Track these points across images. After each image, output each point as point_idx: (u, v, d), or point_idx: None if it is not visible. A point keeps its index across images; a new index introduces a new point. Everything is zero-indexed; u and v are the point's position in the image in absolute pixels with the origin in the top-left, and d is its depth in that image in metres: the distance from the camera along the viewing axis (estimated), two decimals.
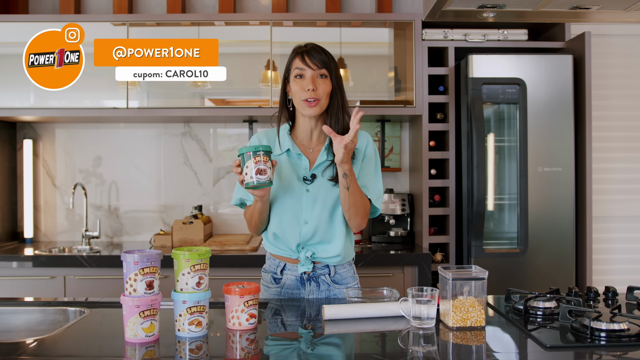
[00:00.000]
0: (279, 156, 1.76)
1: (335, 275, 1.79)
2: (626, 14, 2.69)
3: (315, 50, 1.74)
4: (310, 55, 1.71)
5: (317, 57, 1.71)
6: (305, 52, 1.73)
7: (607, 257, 3.32)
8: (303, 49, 1.75)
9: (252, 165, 1.52)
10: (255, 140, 1.82)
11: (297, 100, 1.72)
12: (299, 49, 1.76)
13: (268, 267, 1.84)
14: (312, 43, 1.78)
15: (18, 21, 3.00)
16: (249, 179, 1.53)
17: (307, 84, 1.69)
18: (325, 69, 1.72)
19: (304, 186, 1.73)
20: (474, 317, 1.41)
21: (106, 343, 1.37)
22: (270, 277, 1.82)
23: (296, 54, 1.75)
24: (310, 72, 1.70)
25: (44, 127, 3.39)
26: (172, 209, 3.40)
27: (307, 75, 1.70)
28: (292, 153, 1.76)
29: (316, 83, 1.70)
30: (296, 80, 1.72)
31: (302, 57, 1.72)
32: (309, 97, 1.69)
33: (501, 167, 2.90)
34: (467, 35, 2.99)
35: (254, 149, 1.53)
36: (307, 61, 1.71)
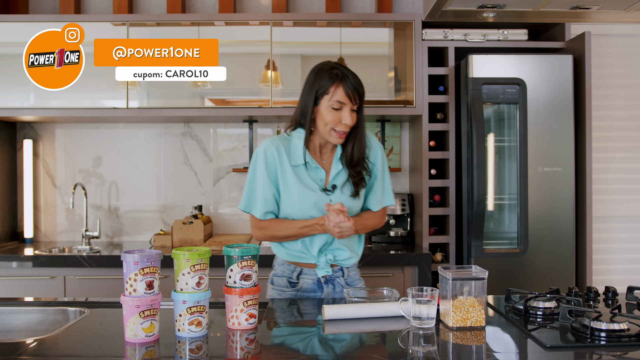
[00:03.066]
0: (296, 167, 1.77)
1: (348, 278, 1.85)
2: (626, 14, 2.69)
3: (357, 83, 1.71)
4: (354, 89, 1.69)
5: (359, 92, 1.71)
6: (350, 84, 1.69)
7: (607, 257, 3.32)
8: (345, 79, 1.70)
9: (236, 270, 1.42)
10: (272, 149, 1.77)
11: (326, 127, 1.72)
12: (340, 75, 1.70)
13: (281, 273, 1.84)
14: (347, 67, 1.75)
15: (18, 21, 2.99)
16: (232, 284, 1.43)
17: (347, 119, 1.70)
18: (359, 102, 1.72)
19: (326, 196, 1.77)
20: (474, 317, 1.41)
21: (106, 343, 1.37)
22: (285, 281, 1.83)
23: (338, 82, 1.70)
24: (350, 106, 1.70)
25: (44, 127, 3.39)
26: (172, 209, 3.40)
27: (345, 109, 1.70)
28: (310, 165, 1.78)
29: (352, 117, 1.71)
30: (332, 111, 1.70)
31: (347, 90, 1.69)
32: (343, 130, 1.72)
33: (501, 167, 2.90)
34: (467, 35, 2.99)
35: (240, 254, 1.42)
36: (351, 97, 1.69)
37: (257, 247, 1.45)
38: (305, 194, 1.75)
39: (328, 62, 1.77)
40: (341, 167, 1.79)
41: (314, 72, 1.76)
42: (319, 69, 1.75)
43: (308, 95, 1.74)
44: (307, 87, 1.76)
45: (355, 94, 1.70)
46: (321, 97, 1.72)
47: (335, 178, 1.79)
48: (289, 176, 1.76)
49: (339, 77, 1.70)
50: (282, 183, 1.77)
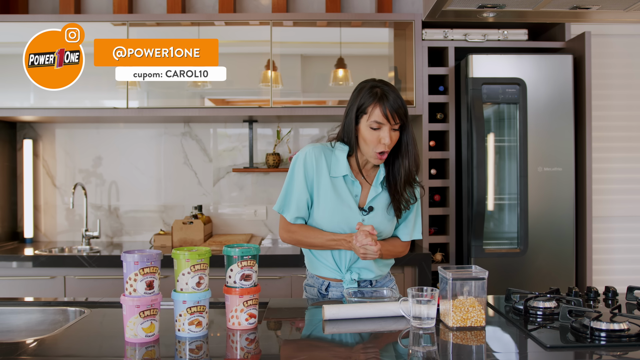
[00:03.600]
0: (335, 178, 1.76)
1: (377, 284, 1.86)
2: (626, 14, 2.69)
3: (396, 102, 1.66)
4: (392, 108, 1.65)
5: (398, 113, 1.66)
6: (388, 103, 1.65)
7: (607, 257, 3.32)
8: (384, 98, 1.66)
9: (237, 270, 1.42)
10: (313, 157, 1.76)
11: (367, 148, 1.70)
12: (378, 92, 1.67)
13: (312, 283, 1.87)
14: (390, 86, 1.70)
15: (18, 21, 3.00)
16: (232, 284, 1.43)
17: (385, 138, 1.66)
18: (401, 122, 1.68)
19: (360, 215, 1.76)
20: (474, 317, 1.41)
21: (106, 343, 1.37)
22: (316, 292, 1.85)
23: (376, 102, 1.66)
24: (389, 126, 1.67)
25: (44, 127, 3.39)
26: (172, 209, 3.40)
27: (384, 129, 1.67)
28: (348, 178, 1.77)
29: (391, 136, 1.68)
30: (371, 131, 1.68)
31: (384, 109, 1.65)
32: (383, 150, 1.69)
33: (501, 167, 2.90)
34: (467, 35, 2.99)
35: (240, 254, 1.42)
36: (389, 116, 1.65)
37: (257, 247, 1.45)
38: (339, 208, 1.75)
39: (371, 80, 1.74)
40: (381, 190, 1.77)
41: (357, 90, 1.74)
42: (362, 87, 1.73)
43: (350, 113, 1.73)
44: (349, 105, 1.74)
45: (394, 114, 1.65)
46: (361, 117, 1.70)
47: (374, 200, 1.77)
48: (325, 187, 1.75)
49: (378, 96, 1.67)
50: (317, 192, 1.76)
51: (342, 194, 1.76)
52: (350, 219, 1.75)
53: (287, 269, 2.73)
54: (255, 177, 3.41)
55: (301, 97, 3.02)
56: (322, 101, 3.03)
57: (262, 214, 3.39)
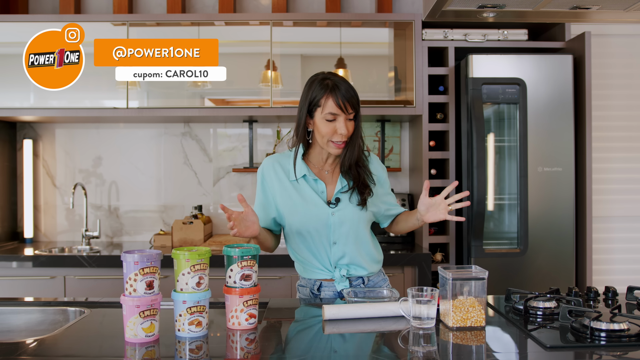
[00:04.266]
0: (294, 181, 1.77)
1: (369, 282, 1.85)
2: (626, 14, 2.69)
3: (348, 91, 1.67)
4: (345, 99, 1.66)
5: (351, 102, 1.67)
6: (340, 94, 1.66)
7: (607, 257, 3.32)
8: (335, 89, 1.66)
9: (237, 270, 1.42)
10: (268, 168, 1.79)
11: (323, 139, 1.70)
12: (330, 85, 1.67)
13: (304, 284, 1.87)
14: (340, 77, 1.71)
15: (18, 21, 3.00)
16: (232, 284, 1.43)
17: (341, 129, 1.67)
18: (354, 111, 1.70)
19: (329, 209, 1.76)
20: (474, 317, 1.41)
21: (106, 343, 1.37)
22: (308, 292, 1.85)
23: (328, 93, 1.67)
24: (344, 116, 1.68)
25: (44, 127, 3.39)
26: (172, 209, 3.40)
27: (339, 119, 1.67)
28: (309, 178, 1.78)
29: (347, 126, 1.69)
30: (326, 123, 1.68)
31: (337, 101, 1.65)
32: (340, 139, 1.69)
33: (501, 167, 2.90)
34: (467, 35, 2.99)
35: (240, 254, 1.42)
36: (342, 106, 1.66)
37: (257, 247, 1.45)
38: (307, 208, 1.75)
39: (321, 73, 1.74)
40: (346, 182, 1.78)
41: (307, 84, 1.74)
42: (312, 80, 1.73)
43: (303, 108, 1.72)
44: (302, 100, 1.74)
45: (346, 103, 1.66)
46: (315, 110, 1.70)
47: (341, 192, 1.78)
48: (289, 191, 1.77)
49: (329, 87, 1.67)
50: (284, 199, 1.77)
51: (307, 194, 1.76)
52: (320, 216, 1.75)
53: (287, 269, 2.73)
54: (255, 177, 3.40)
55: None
56: None
57: None
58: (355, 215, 1.77)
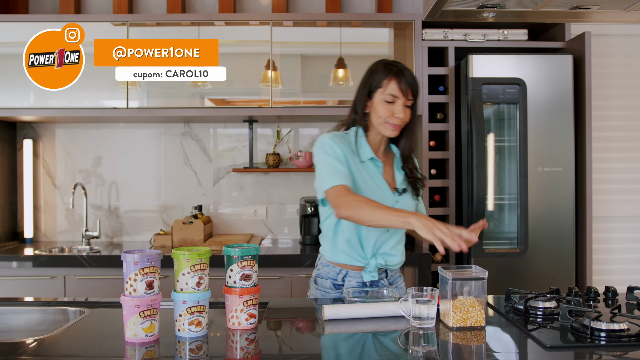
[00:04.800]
0: (363, 163, 1.76)
1: (390, 278, 1.85)
2: (626, 14, 2.69)
3: (412, 78, 1.71)
4: (407, 84, 1.69)
5: (412, 88, 1.71)
6: (404, 78, 1.70)
7: (607, 257, 3.32)
8: (400, 74, 1.70)
9: (237, 270, 1.41)
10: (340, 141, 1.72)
11: (379, 120, 1.72)
12: (394, 70, 1.71)
13: (325, 274, 1.83)
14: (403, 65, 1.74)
15: (18, 21, 2.99)
16: (232, 284, 1.43)
17: (399, 112, 1.70)
18: (413, 99, 1.72)
19: (393, 197, 1.77)
20: (474, 317, 1.41)
21: (106, 343, 1.37)
22: (330, 284, 1.82)
23: (392, 76, 1.70)
24: (403, 100, 1.70)
25: (44, 127, 3.39)
26: (172, 209, 3.40)
27: (398, 103, 1.70)
28: (375, 161, 1.78)
29: (404, 111, 1.71)
30: (385, 104, 1.71)
31: (400, 83, 1.69)
32: (397, 122, 1.71)
33: (501, 167, 2.90)
34: (467, 35, 2.99)
35: (240, 254, 1.41)
36: (403, 90, 1.69)
37: (257, 247, 1.45)
38: (374, 192, 1.74)
39: (385, 59, 1.78)
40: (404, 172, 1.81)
41: (370, 68, 1.77)
42: (377, 63, 1.76)
43: (362, 90, 1.76)
44: (362, 83, 1.77)
45: (409, 88, 1.70)
46: (375, 91, 1.72)
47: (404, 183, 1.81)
48: (360, 170, 1.75)
49: (394, 71, 1.71)
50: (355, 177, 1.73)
51: (375, 177, 1.76)
52: (384, 202, 1.72)
53: (287, 269, 2.73)
54: (255, 177, 3.41)
55: (301, 97, 3.02)
56: (322, 101, 3.03)
57: (262, 214, 3.38)
58: (413, 207, 1.81)
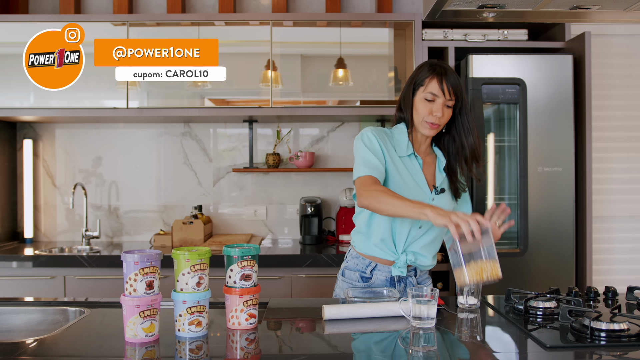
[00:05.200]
0: (403, 158, 1.78)
1: (419, 277, 1.86)
2: (626, 14, 2.69)
3: (454, 79, 1.72)
4: (449, 83, 1.70)
5: (454, 88, 1.71)
6: (445, 77, 1.71)
7: (607, 257, 3.32)
8: (443, 73, 1.71)
9: (237, 270, 1.42)
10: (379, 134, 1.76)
11: (419, 118, 1.74)
12: (438, 69, 1.72)
13: (354, 266, 1.84)
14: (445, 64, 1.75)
15: (18, 21, 3.00)
16: (232, 284, 1.43)
17: (437, 111, 1.71)
18: (455, 99, 1.72)
19: (430, 195, 1.77)
20: (489, 270, 1.44)
21: (106, 343, 1.37)
22: (358, 276, 1.82)
23: (434, 74, 1.72)
24: (443, 99, 1.71)
25: (44, 127, 3.39)
26: (172, 209, 3.40)
27: (438, 102, 1.71)
28: (417, 158, 1.79)
29: (443, 111, 1.72)
30: (425, 102, 1.72)
31: (441, 83, 1.70)
32: (434, 121, 1.72)
33: (501, 167, 2.90)
34: (467, 35, 2.99)
35: (240, 254, 1.41)
36: (444, 89, 1.70)
37: (257, 247, 1.45)
38: (411, 187, 1.75)
39: (433, 60, 1.79)
40: (444, 174, 1.81)
41: (417, 67, 1.79)
42: (422, 64, 1.78)
43: (407, 88, 1.78)
44: (408, 81, 1.80)
45: (450, 88, 1.70)
46: (418, 89, 1.74)
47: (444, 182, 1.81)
48: (397, 165, 1.76)
49: (437, 70, 1.72)
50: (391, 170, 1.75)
51: (414, 171, 1.77)
52: (419, 197, 1.74)
53: (287, 269, 2.73)
54: (255, 177, 3.41)
55: (301, 97, 3.02)
56: (322, 101, 3.03)
57: (262, 214, 3.39)
58: (451, 207, 1.80)
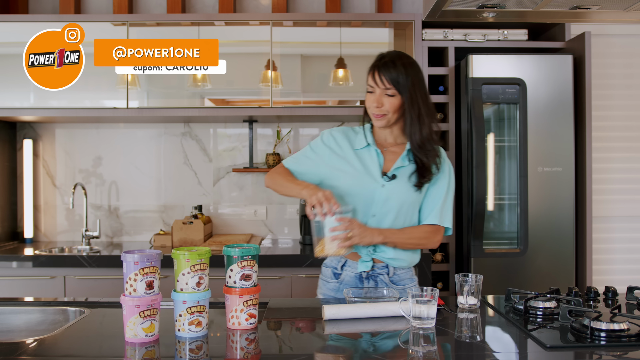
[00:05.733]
0: (358, 150, 1.82)
1: (394, 276, 1.82)
2: (626, 14, 2.69)
3: (387, 66, 1.72)
4: (380, 72, 1.72)
5: (386, 76, 1.71)
6: (377, 68, 1.73)
7: (607, 257, 3.32)
8: (377, 63, 1.74)
9: (237, 270, 1.42)
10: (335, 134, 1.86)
11: (368, 109, 1.79)
12: (375, 60, 1.76)
13: (329, 262, 1.87)
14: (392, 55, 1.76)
15: (18, 21, 3.00)
16: (232, 284, 1.43)
17: (374, 101, 1.75)
18: (393, 87, 1.72)
19: (381, 181, 1.77)
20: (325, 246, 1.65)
21: (106, 343, 1.37)
22: (330, 272, 1.85)
23: (371, 67, 1.76)
24: (379, 90, 1.73)
25: (44, 127, 3.39)
26: (172, 209, 3.40)
27: (376, 92, 1.74)
28: (372, 148, 1.82)
29: (382, 101, 1.73)
30: (368, 95, 1.77)
31: (373, 74, 1.73)
32: (376, 112, 1.75)
33: (501, 167, 2.90)
34: (467, 35, 2.99)
35: (240, 254, 1.42)
36: (376, 79, 1.73)
37: (257, 247, 1.45)
38: (361, 175, 1.78)
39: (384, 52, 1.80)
40: (407, 163, 1.79)
41: None
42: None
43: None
44: None
45: (382, 77, 1.71)
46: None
47: (399, 170, 1.78)
48: (349, 157, 1.81)
49: (374, 62, 1.76)
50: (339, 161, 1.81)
51: (366, 162, 1.80)
52: (369, 185, 1.76)
53: (287, 269, 2.73)
54: (255, 177, 3.41)
55: (301, 97, 3.02)
56: (322, 101, 3.03)
57: (262, 214, 3.38)
58: (407, 195, 1.76)
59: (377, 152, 1.81)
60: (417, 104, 1.74)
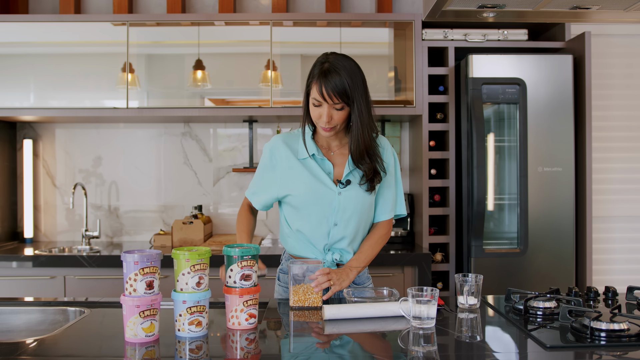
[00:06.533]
0: (304, 160, 1.77)
1: (357, 278, 1.84)
2: (626, 14, 2.69)
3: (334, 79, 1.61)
4: (329, 89, 1.61)
5: (334, 91, 1.61)
6: (326, 82, 1.61)
7: (607, 257, 3.32)
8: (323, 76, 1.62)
9: (237, 270, 1.42)
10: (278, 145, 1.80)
11: (314, 121, 1.71)
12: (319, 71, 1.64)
13: (287, 268, 1.83)
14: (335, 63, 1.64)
15: (18, 21, 3.00)
16: (232, 284, 1.43)
17: (323, 116, 1.65)
18: (342, 102, 1.64)
19: (337, 189, 1.75)
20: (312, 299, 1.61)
21: (106, 343, 1.37)
22: None
23: (317, 79, 1.64)
24: (327, 105, 1.65)
25: (44, 127, 3.39)
26: (172, 209, 3.40)
27: (324, 106, 1.65)
28: (317, 157, 1.78)
29: (331, 114, 1.66)
30: (313, 107, 1.68)
31: (321, 90, 1.62)
32: (324, 126, 1.68)
33: (501, 167, 2.90)
34: (467, 35, 2.99)
35: (240, 254, 1.42)
36: (324, 95, 1.62)
37: (257, 247, 1.45)
38: (313, 185, 1.74)
39: (325, 54, 1.71)
40: (354, 166, 1.76)
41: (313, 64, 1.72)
42: (316, 61, 1.70)
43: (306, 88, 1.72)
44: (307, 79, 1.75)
45: (331, 94, 1.61)
46: (309, 92, 1.69)
47: (350, 175, 1.76)
48: (297, 169, 1.76)
49: (320, 73, 1.63)
50: (291, 175, 1.76)
51: (315, 172, 1.76)
52: (326, 195, 1.74)
53: None
54: None
55: (301, 97, 3.01)
56: None
57: (262, 214, 3.38)
58: (363, 199, 1.76)
59: (324, 160, 1.77)
60: (363, 110, 1.68)
